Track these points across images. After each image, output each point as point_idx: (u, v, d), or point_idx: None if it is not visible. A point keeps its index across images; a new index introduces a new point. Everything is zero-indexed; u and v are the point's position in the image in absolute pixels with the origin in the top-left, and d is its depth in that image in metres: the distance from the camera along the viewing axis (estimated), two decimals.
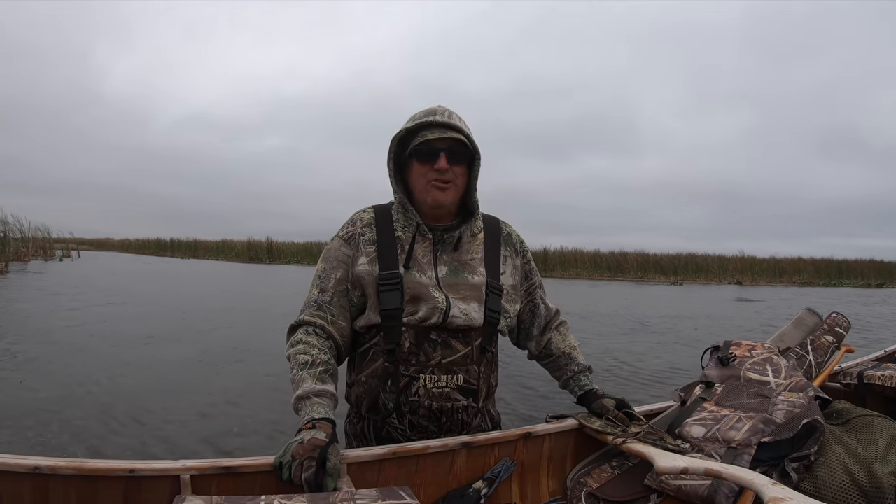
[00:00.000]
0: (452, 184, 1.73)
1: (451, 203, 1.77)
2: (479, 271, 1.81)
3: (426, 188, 1.74)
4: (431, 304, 1.69)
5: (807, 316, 2.57)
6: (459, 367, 1.71)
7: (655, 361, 6.34)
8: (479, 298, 1.77)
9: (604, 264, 29.76)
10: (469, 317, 1.72)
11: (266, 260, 32.79)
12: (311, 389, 1.57)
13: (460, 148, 1.72)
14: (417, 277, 1.72)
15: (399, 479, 1.61)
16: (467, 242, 1.84)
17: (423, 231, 1.77)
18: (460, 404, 1.73)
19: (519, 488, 1.82)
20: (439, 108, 1.74)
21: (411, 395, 1.69)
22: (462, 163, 1.74)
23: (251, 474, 1.43)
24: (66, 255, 27.77)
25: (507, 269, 1.89)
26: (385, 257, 1.74)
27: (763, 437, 1.73)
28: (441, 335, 1.70)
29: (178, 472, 1.35)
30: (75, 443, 3.32)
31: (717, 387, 2.07)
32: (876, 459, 1.64)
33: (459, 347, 1.71)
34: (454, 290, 1.74)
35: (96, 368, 5.06)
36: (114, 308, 9.52)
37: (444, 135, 1.69)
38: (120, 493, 1.32)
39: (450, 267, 1.78)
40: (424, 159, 1.71)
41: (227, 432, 3.64)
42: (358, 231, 1.81)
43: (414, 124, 1.73)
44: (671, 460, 1.56)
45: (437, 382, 1.69)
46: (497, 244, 1.90)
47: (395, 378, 1.69)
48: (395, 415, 1.71)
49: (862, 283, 27.32)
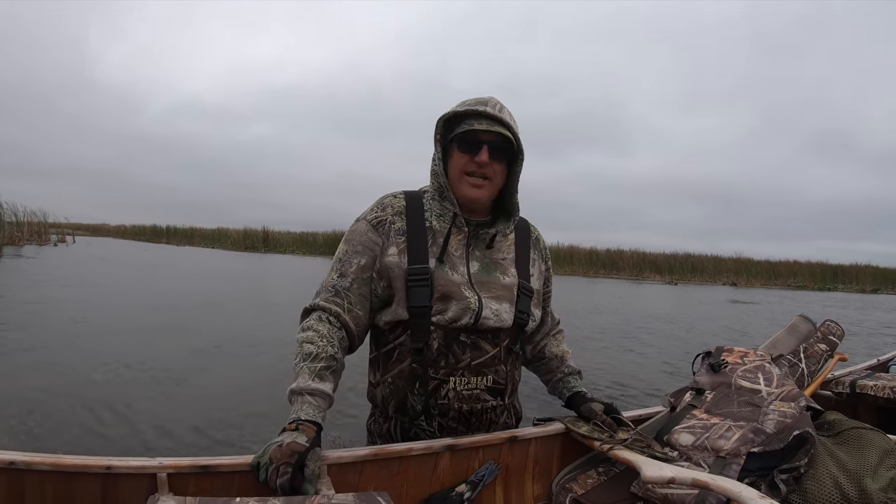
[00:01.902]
0: (490, 181, 1.68)
1: (485, 200, 1.73)
2: (511, 272, 1.77)
3: (461, 180, 1.68)
4: (463, 303, 1.65)
5: (800, 323, 2.54)
6: (488, 367, 1.70)
7: (646, 363, 6.33)
8: (511, 299, 1.74)
9: (599, 261, 29.80)
10: (500, 318, 1.70)
11: (262, 249, 32.77)
12: (306, 386, 1.52)
13: (504, 144, 1.66)
14: (449, 274, 1.67)
15: (381, 481, 1.59)
16: (499, 241, 1.80)
17: (460, 223, 1.71)
18: (489, 404, 1.72)
19: (503, 492, 1.80)
20: (491, 100, 1.68)
21: (441, 398, 1.66)
22: (503, 160, 1.68)
23: (229, 474, 1.40)
24: (61, 240, 27.66)
25: (534, 272, 1.87)
26: (415, 250, 1.68)
27: (753, 447, 1.70)
28: (470, 337, 1.67)
29: (154, 470, 1.33)
30: (57, 433, 3.29)
31: (708, 394, 2.04)
32: (867, 474, 1.62)
33: (488, 349, 1.69)
34: (486, 289, 1.70)
35: (83, 358, 5.03)
36: (105, 295, 9.49)
37: (492, 128, 1.63)
38: (97, 489, 1.30)
39: (482, 264, 1.74)
40: (466, 148, 1.65)
41: (214, 424, 3.61)
42: (389, 218, 1.72)
43: (463, 109, 1.66)
44: (658, 469, 1.54)
45: (467, 384, 1.67)
46: (527, 246, 1.87)
47: (424, 380, 1.66)
48: (424, 417, 1.69)
49: (856, 289, 27.40)
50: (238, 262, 21.94)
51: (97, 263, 16.95)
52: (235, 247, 33.74)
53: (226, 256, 25.86)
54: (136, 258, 20.91)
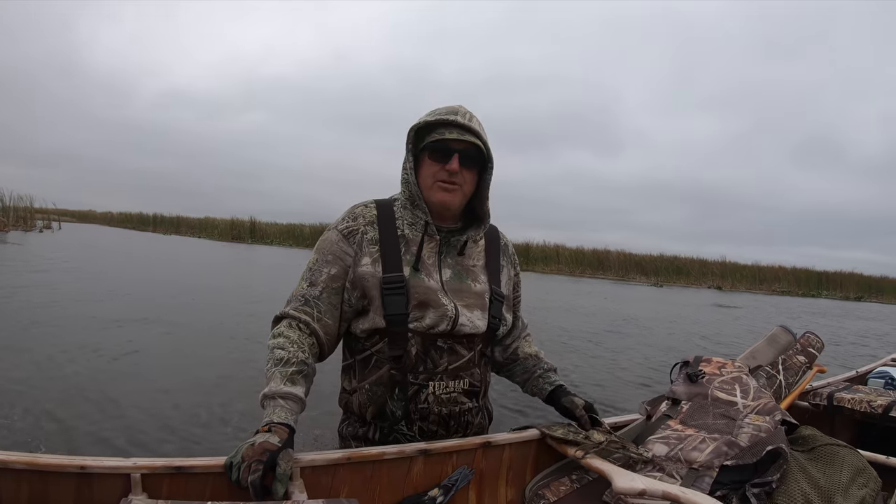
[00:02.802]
0: (460, 188, 1.71)
1: (456, 206, 1.74)
2: (481, 279, 1.82)
3: (433, 187, 1.70)
4: (441, 311, 1.68)
5: (781, 334, 2.55)
6: (465, 371, 1.75)
7: (624, 367, 6.33)
8: (483, 306, 1.79)
9: (586, 261, 29.87)
10: (475, 325, 1.74)
11: (248, 240, 32.65)
12: (278, 390, 1.52)
13: (475, 153, 1.69)
14: (425, 281, 1.70)
15: (354, 485, 1.58)
16: (470, 248, 1.83)
17: (432, 231, 1.74)
18: (466, 406, 1.77)
19: (476, 497, 1.79)
20: (461, 109, 1.71)
21: (420, 403, 1.70)
22: (473, 168, 1.72)
23: (202, 475, 1.40)
24: (47, 227, 27.45)
25: (503, 278, 1.91)
26: (389, 258, 1.70)
27: (726, 460, 1.70)
28: (447, 342, 1.71)
29: (128, 471, 1.32)
30: (38, 427, 3.25)
31: (684, 404, 2.04)
32: (838, 492, 1.62)
33: (464, 353, 1.74)
34: (459, 297, 1.74)
35: (68, 348, 4.97)
36: (90, 286, 9.43)
37: (462, 137, 1.66)
38: (71, 489, 1.30)
39: (454, 271, 1.77)
40: (437, 157, 1.68)
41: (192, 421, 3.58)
42: (360, 228, 1.73)
43: (433, 119, 1.69)
44: (629, 480, 1.53)
45: (446, 388, 1.71)
46: (497, 253, 1.91)
47: (404, 386, 1.69)
48: (405, 422, 1.71)
49: (841, 296, 27.60)
50: (224, 253, 21.86)
51: (82, 251, 16.83)
52: (222, 237, 33.60)
53: (211, 246, 25.74)
54: (121, 246, 20.78)
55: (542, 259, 29.68)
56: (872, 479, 1.74)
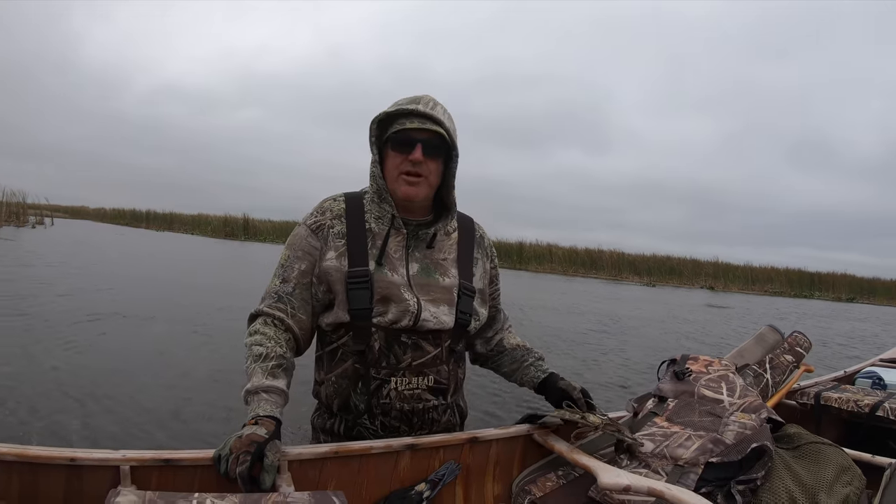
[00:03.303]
0: (425, 179, 1.68)
1: (421, 199, 1.72)
2: (451, 272, 1.78)
3: (397, 179, 1.68)
4: (402, 306, 1.67)
5: (768, 333, 2.55)
6: (430, 368, 1.72)
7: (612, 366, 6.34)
8: (450, 301, 1.75)
9: (579, 260, 29.86)
10: (440, 320, 1.71)
11: (241, 237, 32.54)
12: (261, 385, 1.53)
13: (438, 142, 1.66)
14: (389, 276, 1.69)
15: (341, 479, 1.58)
16: (441, 241, 1.80)
17: (398, 224, 1.72)
18: (431, 404, 1.74)
19: (463, 492, 1.80)
20: (424, 98, 1.69)
21: (382, 398, 1.68)
22: (438, 157, 1.69)
23: (191, 467, 1.41)
24: (39, 222, 27.28)
25: (478, 271, 1.87)
26: (355, 253, 1.69)
27: (711, 457, 1.71)
28: (411, 337, 1.69)
29: (117, 463, 1.33)
30: (30, 421, 3.24)
31: (670, 402, 2.05)
32: (822, 490, 1.63)
33: (429, 349, 1.71)
34: (425, 292, 1.72)
35: (60, 343, 4.95)
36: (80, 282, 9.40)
37: (424, 126, 1.64)
38: (61, 481, 1.31)
39: (422, 265, 1.75)
40: (400, 148, 1.66)
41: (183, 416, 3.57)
42: (327, 222, 1.74)
43: (394, 110, 1.67)
44: (615, 476, 1.55)
45: (409, 385, 1.69)
46: (471, 245, 1.87)
47: (366, 380, 1.68)
48: (367, 416, 1.70)
49: (833, 297, 27.68)
50: (216, 250, 21.79)
51: (74, 247, 16.74)
52: (215, 234, 33.44)
53: (204, 243, 25.65)
54: (113, 243, 20.65)
55: (536, 258, 29.65)
56: (857, 477, 1.75)
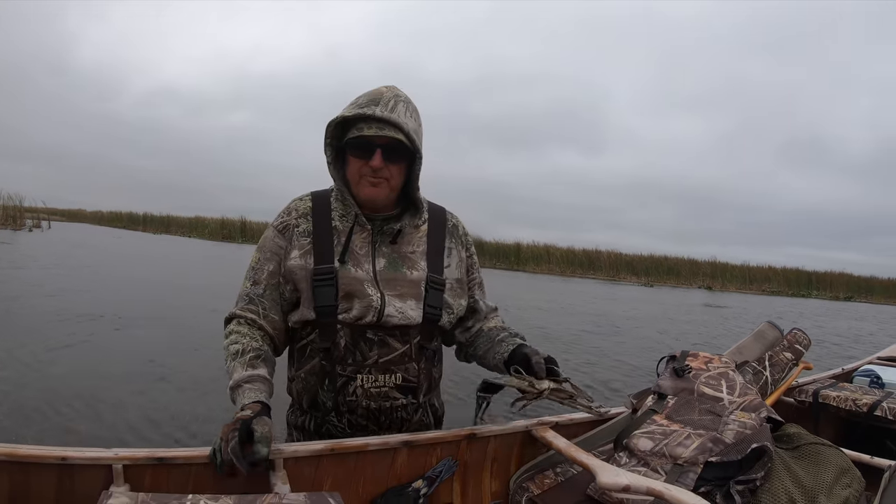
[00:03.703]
0: (386, 182, 1.65)
1: (383, 199, 1.69)
2: (420, 265, 1.74)
3: (359, 182, 1.65)
4: (366, 301, 1.64)
5: (768, 329, 2.54)
6: (397, 365, 1.67)
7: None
8: (418, 295, 1.71)
9: (576, 261, 29.88)
10: (406, 315, 1.67)
11: (239, 239, 32.50)
12: (242, 377, 1.53)
13: (399, 146, 1.61)
14: (353, 272, 1.66)
15: (337, 476, 1.57)
16: (409, 234, 1.76)
17: (362, 221, 1.70)
18: (399, 403, 1.70)
19: (460, 489, 1.79)
20: (384, 97, 1.61)
21: (349, 395, 1.65)
22: (399, 162, 1.65)
23: (185, 465, 1.39)
24: (36, 226, 27.26)
25: (451, 261, 1.82)
26: (320, 251, 1.68)
27: (710, 456, 1.69)
28: (378, 334, 1.65)
29: (110, 462, 1.31)
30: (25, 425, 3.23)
31: (670, 399, 2.03)
32: (822, 492, 1.62)
33: (397, 346, 1.67)
34: (391, 287, 1.68)
35: (51, 346, 4.95)
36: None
37: (381, 132, 1.58)
38: (53, 480, 1.29)
39: (389, 260, 1.71)
40: (359, 154, 1.62)
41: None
42: (293, 222, 1.72)
43: (351, 114, 1.61)
44: (614, 475, 1.52)
45: (375, 382, 1.65)
46: (442, 235, 1.81)
47: (333, 377, 1.65)
48: (334, 413, 1.68)
49: (830, 296, 27.73)
50: (213, 252, 21.75)
51: (71, 249, 16.73)
52: (213, 236, 33.45)
53: (202, 246, 25.63)
54: (110, 247, 20.62)
55: (533, 259, 29.67)
56: (857, 479, 1.74)
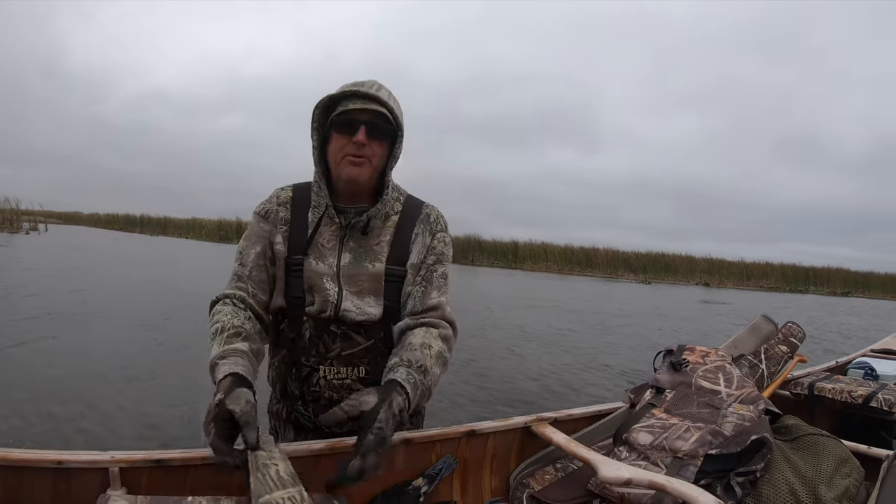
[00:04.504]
0: (368, 161, 1.61)
1: (366, 180, 1.64)
2: (381, 257, 1.69)
3: (342, 162, 1.61)
4: (323, 296, 1.63)
5: (762, 323, 2.55)
6: (360, 359, 1.65)
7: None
8: (377, 291, 1.67)
9: (574, 259, 29.88)
10: (364, 311, 1.64)
11: (235, 240, 32.45)
12: (216, 354, 1.45)
13: (383, 123, 1.60)
14: (314, 265, 1.65)
15: (336, 475, 1.55)
16: (378, 227, 1.71)
17: (331, 214, 1.67)
18: None
19: (460, 486, 1.79)
20: (368, 81, 1.62)
21: (313, 385, 1.66)
22: (383, 139, 1.62)
23: (182, 467, 1.38)
24: (33, 228, 27.21)
25: (415, 247, 1.73)
26: (294, 241, 1.68)
27: (710, 449, 1.70)
28: (340, 327, 1.64)
29: (107, 465, 1.30)
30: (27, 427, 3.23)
31: (668, 393, 2.04)
32: (822, 482, 1.62)
33: (360, 341, 1.65)
34: (352, 282, 1.65)
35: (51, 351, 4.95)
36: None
37: (367, 106, 1.58)
38: (48, 484, 1.28)
39: (354, 255, 1.67)
40: (343, 130, 1.59)
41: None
42: (273, 208, 1.73)
43: (337, 93, 1.61)
44: (615, 469, 1.53)
45: (338, 374, 1.65)
46: (411, 224, 1.74)
47: (299, 367, 1.66)
48: (301, 402, 1.70)
49: (827, 291, 27.78)
50: (211, 253, 21.75)
51: (68, 251, 16.72)
52: (210, 237, 33.46)
53: (199, 247, 25.62)
54: (106, 249, 20.61)
55: (531, 257, 29.66)
56: (856, 469, 1.74)
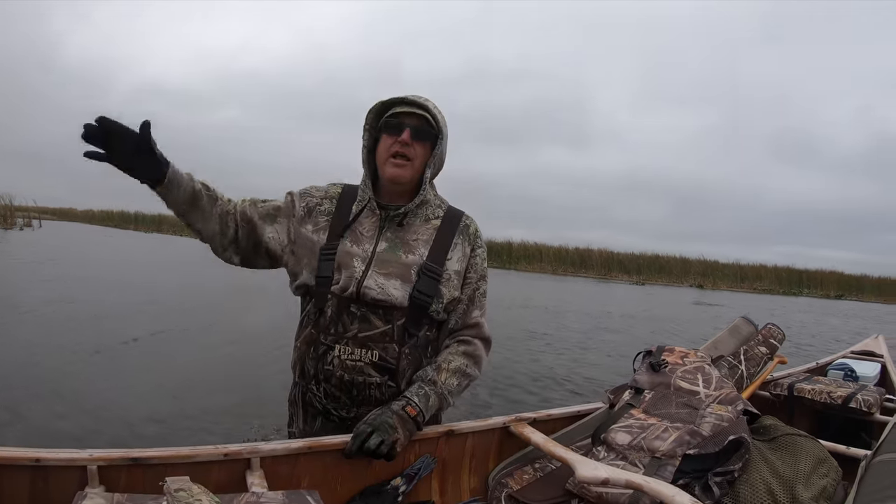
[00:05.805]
0: (411, 163, 1.75)
1: (407, 181, 1.77)
2: (418, 251, 1.76)
3: (386, 162, 1.75)
4: (349, 272, 1.69)
5: (742, 325, 2.57)
6: (375, 343, 1.68)
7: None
8: (406, 277, 1.71)
9: (568, 260, 29.86)
10: (386, 292, 1.68)
11: None
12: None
13: (426, 127, 1.76)
14: (348, 247, 1.74)
15: (314, 475, 1.57)
16: (418, 225, 1.80)
17: (373, 206, 1.79)
18: (374, 380, 1.68)
19: (439, 486, 1.79)
20: (416, 95, 1.79)
21: (326, 364, 1.69)
22: (426, 141, 1.77)
23: (160, 465, 1.38)
24: (27, 224, 27.09)
25: (454, 255, 1.81)
26: (334, 228, 1.78)
27: (688, 449, 1.71)
28: (360, 309, 1.68)
29: (85, 463, 1.30)
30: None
31: (647, 393, 2.04)
32: (799, 482, 1.63)
33: (378, 324, 1.69)
34: (382, 266, 1.72)
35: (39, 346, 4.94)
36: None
37: (413, 111, 1.75)
38: (26, 483, 1.27)
39: (390, 243, 1.76)
40: (391, 132, 1.74)
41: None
42: (316, 200, 1.85)
43: (388, 99, 1.78)
44: (592, 469, 1.53)
45: (351, 355, 1.68)
46: (452, 231, 1.84)
47: (317, 345, 1.71)
48: (314, 382, 1.72)
49: (821, 294, 27.81)
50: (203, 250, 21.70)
51: (61, 250, 16.69)
52: None
53: (192, 244, 25.54)
54: (101, 245, 20.56)
55: (525, 258, 29.63)
56: (833, 468, 1.75)
